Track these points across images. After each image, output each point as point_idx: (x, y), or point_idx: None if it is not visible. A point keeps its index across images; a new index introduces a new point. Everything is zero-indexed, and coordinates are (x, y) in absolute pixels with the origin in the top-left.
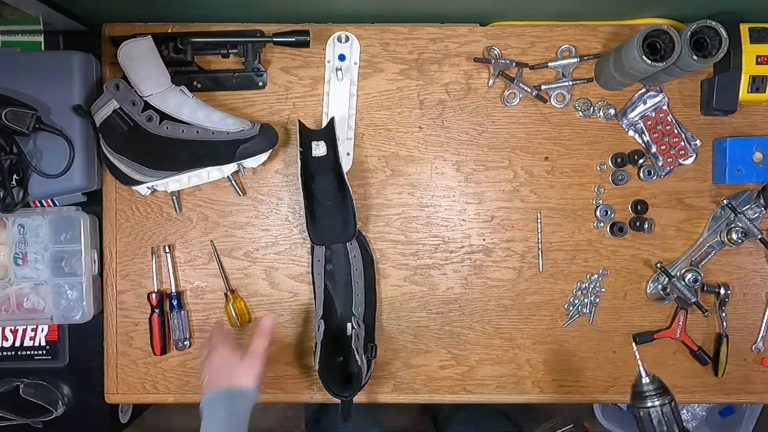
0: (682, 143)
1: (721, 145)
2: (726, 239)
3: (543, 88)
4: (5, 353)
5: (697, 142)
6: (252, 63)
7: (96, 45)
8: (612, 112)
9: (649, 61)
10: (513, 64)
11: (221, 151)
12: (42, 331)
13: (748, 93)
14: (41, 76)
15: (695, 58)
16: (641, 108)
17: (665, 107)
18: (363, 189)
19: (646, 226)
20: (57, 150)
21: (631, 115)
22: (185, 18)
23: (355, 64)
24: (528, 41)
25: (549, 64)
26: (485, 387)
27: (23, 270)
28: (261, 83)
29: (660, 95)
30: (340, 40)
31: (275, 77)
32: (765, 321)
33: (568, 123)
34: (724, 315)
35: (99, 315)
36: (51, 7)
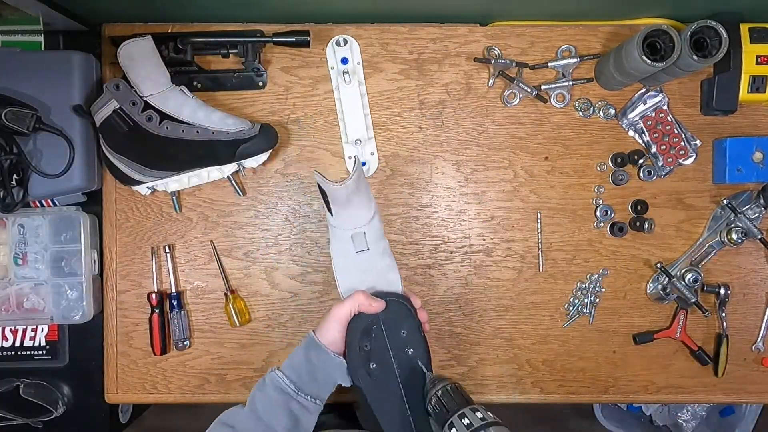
0: (682, 143)
1: (721, 145)
2: (726, 239)
3: (543, 88)
4: (5, 353)
5: (697, 142)
6: (252, 63)
7: (96, 45)
8: (612, 112)
9: (649, 61)
10: (513, 64)
11: (221, 151)
12: (42, 331)
13: (748, 93)
14: (41, 76)
15: (695, 58)
16: (641, 108)
17: (665, 107)
18: None
19: (646, 226)
20: (57, 150)
21: (631, 115)
22: (185, 18)
23: (359, 64)
24: (528, 41)
25: (549, 64)
26: (485, 387)
27: (23, 270)
28: (261, 83)
29: (660, 95)
30: (338, 44)
31: (275, 77)
32: (765, 321)
33: (568, 123)
34: (724, 315)
35: (99, 315)
36: (51, 7)
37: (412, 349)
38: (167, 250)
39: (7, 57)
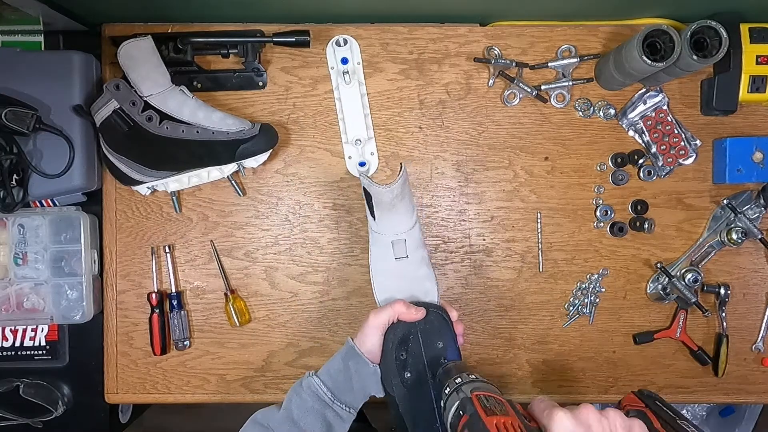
0: (682, 143)
1: (721, 145)
2: (726, 239)
3: (543, 88)
4: (5, 353)
5: (697, 142)
6: (252, 63)
7: (96, 45)
8: (612, 112)
9: (649, 61)
10: (513, 64)
11: (221, 151)
12: (42, 331)
13: (748, 93)
14: (41, 76)
15: (695, 58)
16: (641, 108)
17: (665, 107)
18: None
19: (646, 226)
20: (57, 150)
21: (631, 115)
22: (185, 18)
23: (359, 64)
24: (528, 41)
25: (549, 64)
26: None
27: (23, 270)
28: (261, 83)
29: (660, 95)
30: (338, 44)
31: (275, 77)
32: (765, 321)
33: (568, 123)
34: (724, 315)
35: (99, 315)
36: (51, 7)
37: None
38: (167, 250)
39: (7, 57)
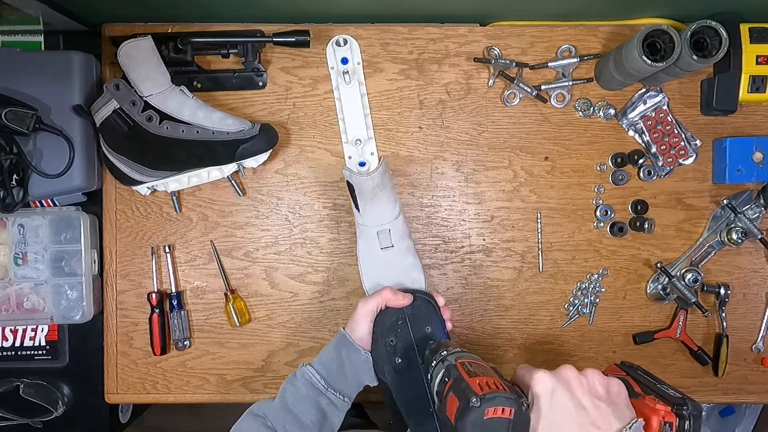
0: (682, 143)
1: (721, 145)
2: (726, 239)
3: (543, 88)
4: (5, 353)
5: (697, 142)
6: (252, 63)
7: (96, 45)
8: (612, 112)
9: (649, 61)
10: (513, 64)
11: (221, 151)
12: (42, 331)
13: (748, 93)
14: (41, 76)
15: (695, 58)
16: (641, 108)
17: (665, 107)
18: None
19: (646, 226)
20: (57, 150)
21: (631, 115)
22: (185, 18)
23: (359, 64)
24: (528, 41)
25: (549, 64)
26: None
27: (23, 270)
28: (261, 83)
29: (660, 95)
30: (338, 44)
31: (275, 77)
32: (765, 321)
33: (568, 123)
34: (724, 315)
35: (99, 315)
36: (51, 7)
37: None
38: (167, 250)
39: (7, 57)
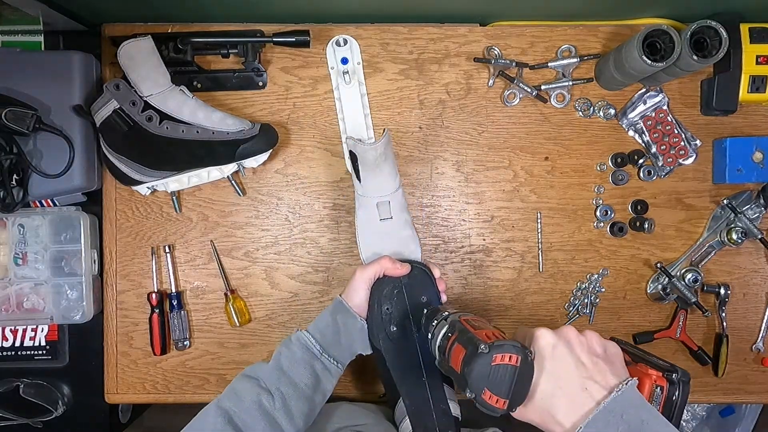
0: (682, 143)
1: (721, 145)
2: (726, 239)
3: (543, 88)
4: (5, 353)
5: (697, 142)
6: (252, 63)
7: (96, 45)
8: (612, 112)
9: (649, 61)
10: (513, 64)
11: (221, 151)
12: (42, 331)
13: (748, 93)
14: (41, 76)
15: (695, 58)
16: (641, 108)
17: (665, 107)
18: None
19: (646, 226)
20: (57, 150)
21: (631, 115)
22: (185, 18)
23: (359, 64)
24: (528, 41)
25: (549, 64)
26: None
27: (23, 270)
28: (261, 83)
29: (660, 95)
30: (338, 44)
31: (275, 77)
32: (765, 321)
33: (568, 123)
34: (724, 315)
35: (99, 315)
36: (51, 7)
37: None
38: (167, 250)
39: (7, 57)
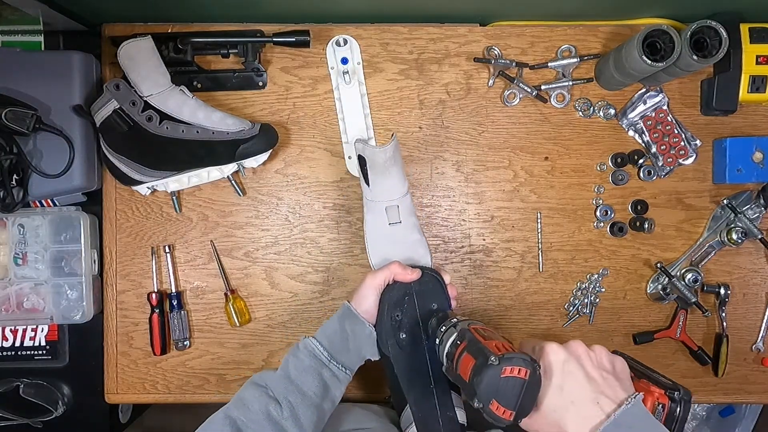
0: (682, 143)
1: (721, 145)
2: (726, 239)
3: (543, 88)
4: (5, 353)
5: (697, 142)
6: (252, 63)
7: (96, 45)
8: (612, 112)
9: (649, 61)
10: (513, 64)
11: (221, 151)
12: (42, 331)
13: (748, 93)
14: (41, 76)
15: (695, 58)
16: (641, 108)
17: (665, 107)
18: None
19: (646, 226)
20: (57, 150)
21: (631, 115)
22: (185, 18)
23: (359, 63)
24: (528, 41)
25: (549, 64)
26: None
27: (23, 270)
28: (261, 83)
29: (660, 95)
30: (338, 44)
31: (275, 77)
32: (765, 321)
33: (568, 123)
34: (724, 315)
35: (99, 315)
36: (51, 7)
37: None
38: (167, 250)
39: (7, 57)
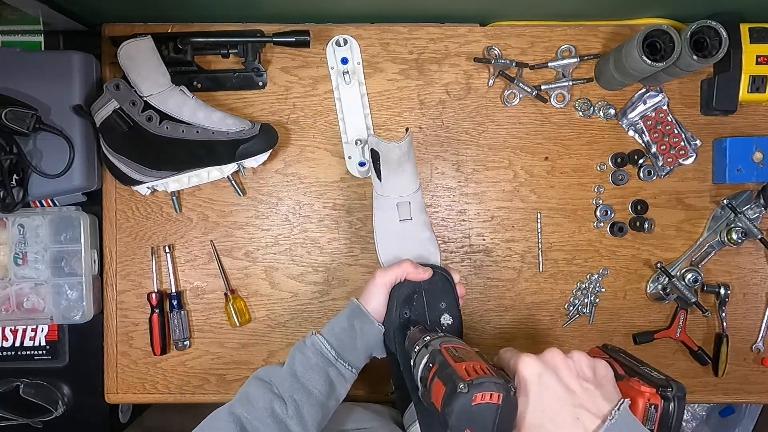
0: (682, 143)
1: (721, 145)
2: (726, 239)
3: (543, 88)
4: (5, 353)
5: (697, 142)
6: (252, 63)
7: (96, 45)
8: (612, 112)
9: (649, 61)
10: (513, 64)
11: (221, 151)
12: (42, 331)
13: (748, 93)
14: (41, 76)
15: (695, 58)
16: (641, 108)
17: (665, 107)
18: (363, 189)
19: (646, 226)
20: (57, 150)
21: (631, 115)
22: (185, 18)
23: (359, 63)
24: (528, 41)
25: (549, 64)
26: None
27: (23, 270)
28: (261, 83)
29: (660, 95)
30: (338, 44)
31: (275, 77)
32: (765, 321)
33: (568, 123)
34: (724, 315)
35: (99, 315)
36: (51, 7)
37: (448, 321)
38: (167, 250)
39: (7, 57)
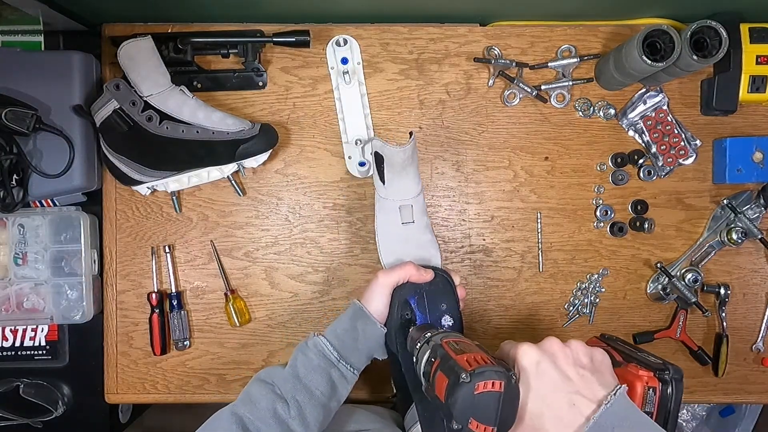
0: (682, 143)
1: (721, 145)
2: (726, 239)
3: (543, 88)
4: (5, 353)
5: (697, 142)
6: (252, 63)
7: (96, 45)
8: (612, 112)
9: (649, 61)
10: (513, 64)
11: (221, 151)
12: (42, 331)
13: (748, 93)
14: (41, 76)
15: (695, 58)
16: (641, 108)
17: (665, 107)
18: (363, 189)
19: (646, 226)
20: (57, 150)
21: (631, 115)
22: (185, 18)
23: (359, 63)
24: (528, 41)
25: (549, 64)
26: None
27: (23, 270)
28: (261, 83)
29: (660, 95)
30: (338, 44)
31: (275, 77)
32: (765, 321)
33: (568, 123)
34: (724, 315)
35: (99, 315)
36: (51, 7)
37: (449, 322)
38: (167, 250)
39: (7, 57)
